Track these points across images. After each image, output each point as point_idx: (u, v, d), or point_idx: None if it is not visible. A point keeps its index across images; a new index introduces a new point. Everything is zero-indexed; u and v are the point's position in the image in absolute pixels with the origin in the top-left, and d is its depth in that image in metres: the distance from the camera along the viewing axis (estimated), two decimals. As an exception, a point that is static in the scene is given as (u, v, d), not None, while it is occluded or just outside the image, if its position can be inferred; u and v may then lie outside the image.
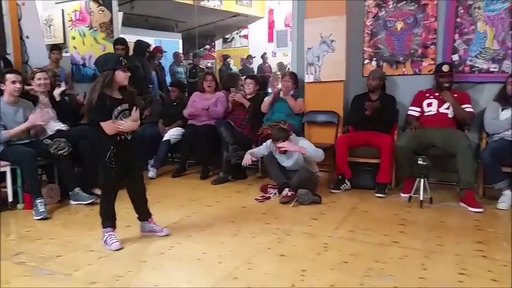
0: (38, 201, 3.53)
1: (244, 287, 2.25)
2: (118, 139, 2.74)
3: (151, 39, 9.45)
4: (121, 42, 5.63)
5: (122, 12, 6.80)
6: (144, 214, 3.01)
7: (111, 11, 6.15)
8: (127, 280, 2.37)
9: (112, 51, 5.76)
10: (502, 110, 3.74)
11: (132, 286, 2.34)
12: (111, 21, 6.17)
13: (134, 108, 2.82)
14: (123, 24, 7.01)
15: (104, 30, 6.19)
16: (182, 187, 4.45)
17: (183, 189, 4.34)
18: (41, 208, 3.50)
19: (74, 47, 6.39)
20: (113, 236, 2.83)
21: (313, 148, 3.77)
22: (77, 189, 3.83)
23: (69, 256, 2.72)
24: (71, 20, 6.38)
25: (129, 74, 2.76)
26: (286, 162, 3.93)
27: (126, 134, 2.78)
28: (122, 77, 2.71)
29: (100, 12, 6.19)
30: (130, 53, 5.85)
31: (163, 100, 5.98)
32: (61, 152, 3.73)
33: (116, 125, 2.70)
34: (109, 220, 2.87)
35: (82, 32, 6.31)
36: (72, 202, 3.84)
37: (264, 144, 4.03)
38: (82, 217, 3.56)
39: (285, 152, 3.81)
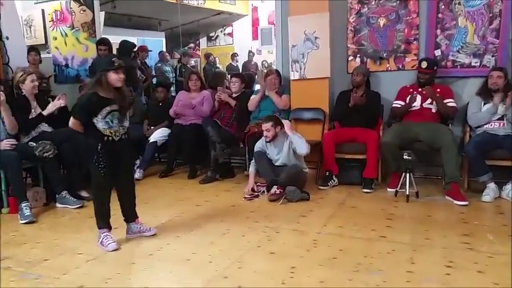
0: (23, 204, 3.48)
1: (234, 286, 2.25)
2: (105, 139, 2.73)
3: (135, 38, 9.35)
4: (104, 42, 5.50)
5: (103, 12, 6.71)
6: (131, 215, 2.99)
7: (92, 11, 6.06)
8: (116, 282, 2.36)
9: (95, 51, 5.71)
10: (484, 104, 3.81)
11: (122, 288, 2.32)
12: (93, 21, 6.08)
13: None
14: (106, 24, 6.93)
15: (86, 30, 6.10)
16: (170, 187, 4.43)
17: (170, 190, 4.32)
18: (27, 212, 3.45)
19: (56, 48, 6.29)
20: (108, 236, 2.81)
21: (298, 136, 3.85)
22: (64, 193, 3.78)
23: (56, 260, 2.68)
24: (52, 20, 6.27)
25: (122, 76, 2.74)
26: (276, 157, 3.96)
27: (114, 136, 2.75)
28: (113, 78, 2.70)
29: (81, 12, 6.09)
30: (114, 53, 5.78)
31: (147, 102, 5.95)
32: (46, 154, 3.67)
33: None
34: (103, 220, 2.84)
35: (64, 32, 6.22)
36: (58, 205, 3.79)
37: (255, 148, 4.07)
38: (69, 220, 3.51)
39: (271, 139, 3.87)
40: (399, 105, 4.11)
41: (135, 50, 6.21)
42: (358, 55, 4.58)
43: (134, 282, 2.38)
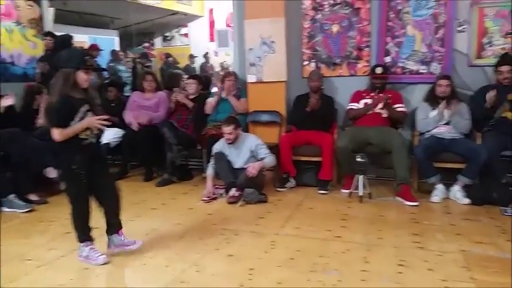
0: (-36, 210, 3.27)
1: (193, 289, 2.24)
2: (84, 143, 2.51)
3: (86, 36, 9.07)
4: (50, 34, 5.54)
5: (53, 8, 6.43)
6: (115, 224, 2.70)
7: (40, 6, 5.80)
8: (69, 289, 2.27)
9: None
10: (432, 109, 3.99)
11: (75, 296, 2.24)
12: (41, 17, 5.82)
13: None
14: (56, 21, 6.64)
15: (34, 26, 5.83)
16: (124, 190, 4.18)
17: (125, 193, 4.06)
18: (-32, 218, 3.25)
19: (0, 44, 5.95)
20: (94, 249, 2.60)
21: (269, 159, 3.91)
22: (11, 196, 3.59)
23: (4, 267, 2.54)
24: (-5, 14, 5.94)
25: (92, 77, 2.56)
26: (236, 159, 3.96)
27: (92, 138, 2.54)
28: (83, 78, 2.48)
29: (28, 7, 5.80)
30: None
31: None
32: None
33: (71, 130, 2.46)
34: (85, 234, 2.60)
35: (9, 28, 5.90)
36: (5, 209, 3.60)
37: (213, 149, 4.05)
38: (17, 224, 3.33)
39: (232, 141, 3.89)
40: (356, 107, 4.23)
41: (72, 42, 6.03)
42: (313, 60, 4.67)
43: (88, 289, 2.30)
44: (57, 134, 2.43)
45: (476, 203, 3.58)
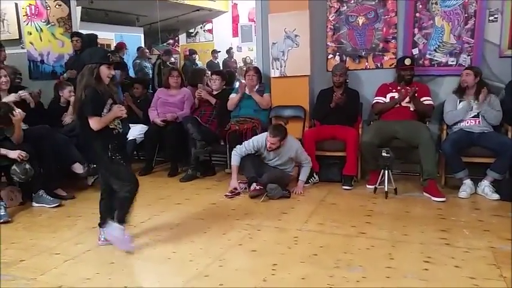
0: (-2, 204, 3.38)
1: (215, 284, 2.25)
2: (114, 133, 2.62)
3: (112, 34, 9.22)
4: (77, 34, 5.60)
5: (80, 7, 6.58)
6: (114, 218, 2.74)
7: (68, 6, 5.94)
8: (95, 282, 2.32)
9: (71, 47, 5.63)
10: (460, 101, 3.89)
11: (101, 289, 2.28)
12: (69, 16, 5.95)
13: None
14: (83, 19, 6.79)
15: (62, 25, 5.97)
16: (150, 185, 4.37)
17: (150, 188, 4.27)
18: (2, 211, 3.36)
19: (31, 43, 6.13)
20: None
21: (308, 168, 3.94)
22: (40, 192, 3.69)
23: (33, 260, 2.62)
24: (26, 15, 6.12)
25: (113, 73, 2.65)
26: (272, 160, 3.92)
27: (119, 128, 2.65)
28: (105, 73, 2.59)
29: (57, 6, 5.96)
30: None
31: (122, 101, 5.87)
32: (24, 177, 3.53)
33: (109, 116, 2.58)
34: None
35: (39, 27, 6.07)
36: (34, 204, 3.70)
37: (248, 143, 3.94)
38: (46, 219, 3.43)
39: (275, 149, 3.81)
40: (382, 101, 4.15)
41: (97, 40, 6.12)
42: (338, 53, 4.61)
43: (113, 283, 2.34)
44: (96, 122, 2.53)
45: (506, 198, 3.46)
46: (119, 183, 2.67)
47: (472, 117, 3.79)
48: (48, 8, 5.99)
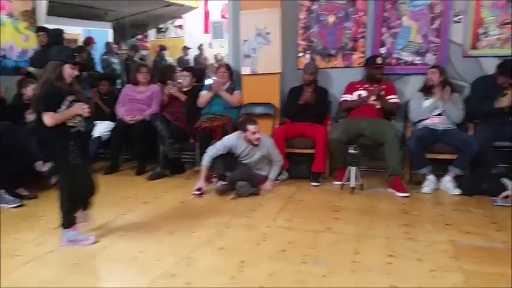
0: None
1: (183, 283, 2.23)
2: (72, 131, 2.58)
3: (80, 28, 9.00)
4: (43, 29, 5.52)
5: (46, 1, 6.37)
6: (74, 219, 2.75)
7: (33, -1, 5.76)
8: (57, 284, 2.26)
9: (36, 41, 5.46)
10: (426, 99, 3.98)
11: (64, 290, 2.22)
12: (33, 9, 5.76)
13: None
14: (49, 14, 6.58)
15: (26, 19, 5.78)
16: (116, 184, 4.27)
17: (116, 187, 4.16)
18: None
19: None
20: (79, 233, 2.74)
21: (278, 167, 3.97)
22: (1, 191, 3.55)
23: (-8, 263, 2.53)
24: (-13, 8, 5.88)
25: (77, 73, 2.64)
26: (247, 159, 3.90)
27: (80, 126, 2.62)
28: (68, 72, 2.58)
29: (21, -1, 5.76)
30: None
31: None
32: None
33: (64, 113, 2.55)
34: (73, 218, 2.72)
35: (1, 21, 5.84)
36: (-6, 204, 3.57)
37: (219, 143, 3.91)
38: (6, 220, 3.29)
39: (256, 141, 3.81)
40: (349, 99, 4.21)
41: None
42: (308, 51, 4.65)
43: (76, 284, 2.28)
44: (48, 118, 2.50)
45: (467, 193, 3.59)
46: (59, 184, 2.69)
47: (436, 115, 3.89)
48: (11, 1, 5.77)
